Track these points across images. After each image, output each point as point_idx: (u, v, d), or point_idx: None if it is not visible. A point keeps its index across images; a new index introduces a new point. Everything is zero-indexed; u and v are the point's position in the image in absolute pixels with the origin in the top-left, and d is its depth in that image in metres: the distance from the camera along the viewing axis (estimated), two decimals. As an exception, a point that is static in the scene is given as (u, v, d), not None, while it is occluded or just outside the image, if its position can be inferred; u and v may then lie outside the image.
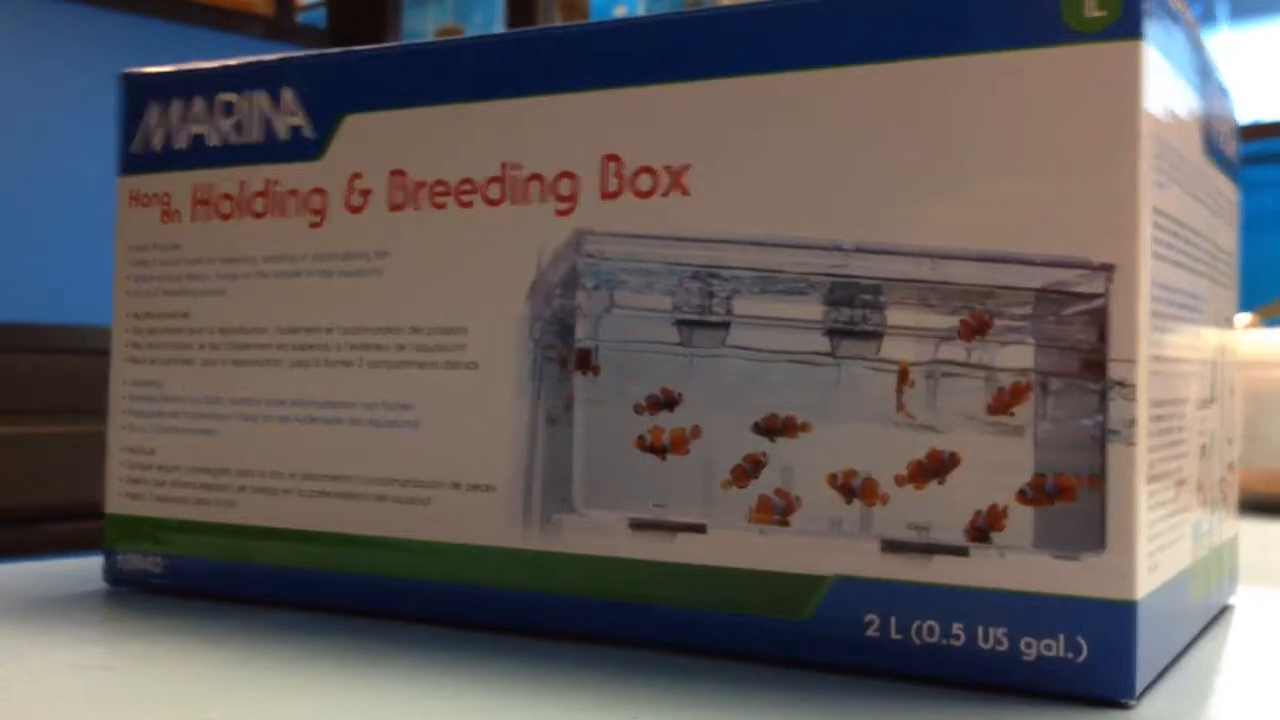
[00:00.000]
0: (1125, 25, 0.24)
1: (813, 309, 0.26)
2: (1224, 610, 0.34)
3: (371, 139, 0.31)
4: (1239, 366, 0.34)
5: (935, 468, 0.25)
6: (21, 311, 1.91)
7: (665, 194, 0.28)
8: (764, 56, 0.27)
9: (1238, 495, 0.35)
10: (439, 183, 0.31)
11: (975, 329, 0.25)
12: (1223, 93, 0.32)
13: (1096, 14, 0.24)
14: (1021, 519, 0.25)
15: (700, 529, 0.27)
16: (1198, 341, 0.28)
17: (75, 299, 1.98)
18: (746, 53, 0.27)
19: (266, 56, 0.33)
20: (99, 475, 1.53)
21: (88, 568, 0.38)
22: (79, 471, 1.55)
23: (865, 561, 0.26)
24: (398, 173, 0.31)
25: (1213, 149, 0.30)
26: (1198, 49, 0.28)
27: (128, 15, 2.06)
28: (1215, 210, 0.30)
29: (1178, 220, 0.26)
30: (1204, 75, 0.29)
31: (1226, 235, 0.32)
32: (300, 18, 2.27)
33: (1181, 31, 0.27)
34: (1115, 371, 0.24)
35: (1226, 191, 0.32)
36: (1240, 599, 0.36)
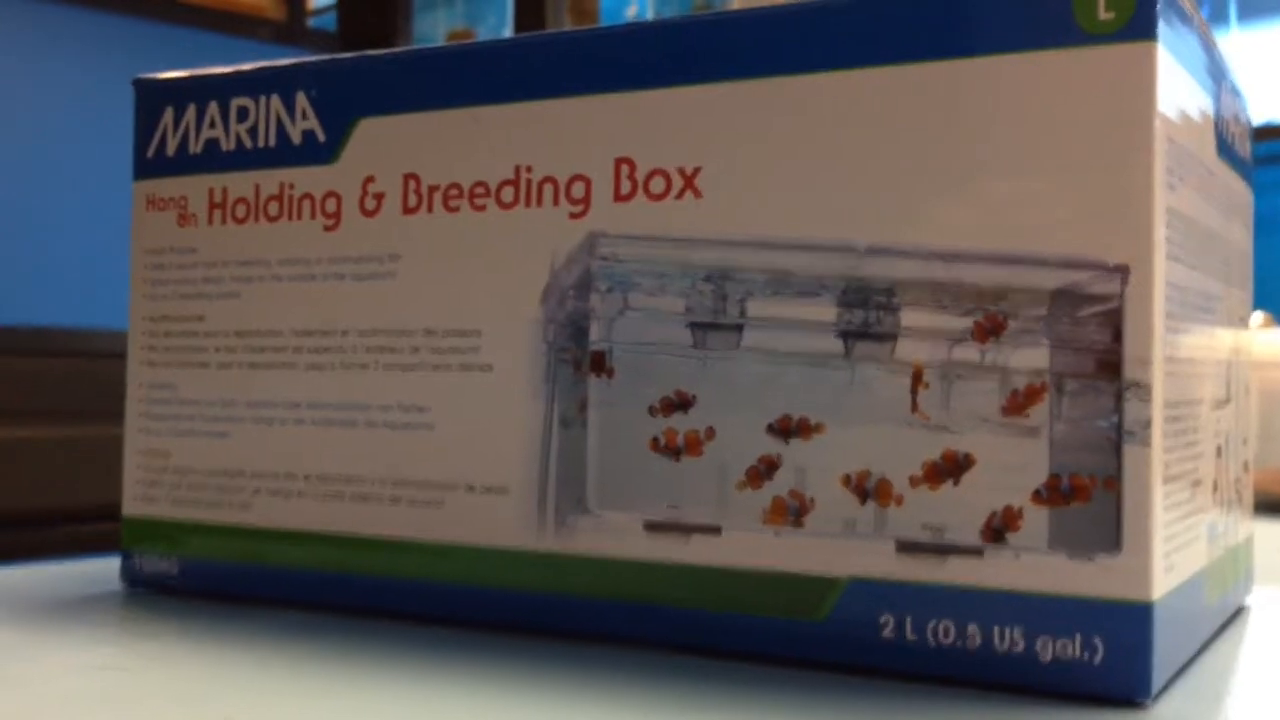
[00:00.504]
0: (1137, 27, 0.24)
1: (826, 311, 0.26)
2: (1239, 611, 0.33)
3: (385, 142, 0.32)
4: (1253, 367, 0.34)
5: (950, 469, 0.25)
6: (24, 314, 1.91)
7: (678, 196, 0.28)
8: (775, 59, 0.27)
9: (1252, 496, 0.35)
10: (452, 186, 0.31)
11: (989, 330, 0.25)
12: (1235, 93, 0.32)
13: (1108, 16, 0.24)
14: (1037, 520, 0.25)
15: (715, 530, 0.27)
16: (1212, 342, 0.28)
17: (79, 302, 1.99)
18: (758, 55, 0.27)
19: (280, 61, 0.34)
20: (103, 478, 1.53)
21: (104, 569, 0.38)
22: (84, 474, 1.55)
23: (880, 562, 0.26)
24: (411, 176, 0.31)
25: (1225, 149, 0.30)
26: (1209, 50, 0.28)
27: (136, 19, 2.07)
28: (1228, 211, 0.30)
29: (1191, 221, 0.26)
30: (1216, 76, 0.29)
31: (1240, 236, 0.32)
32: (310, 22, 2.27)
33: (1193, 32, 0.27)
34: (1130, 372, 0.24)
35: (1240, 192, 0.32)
36: (1255, 600, 0.35)
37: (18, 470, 1.51)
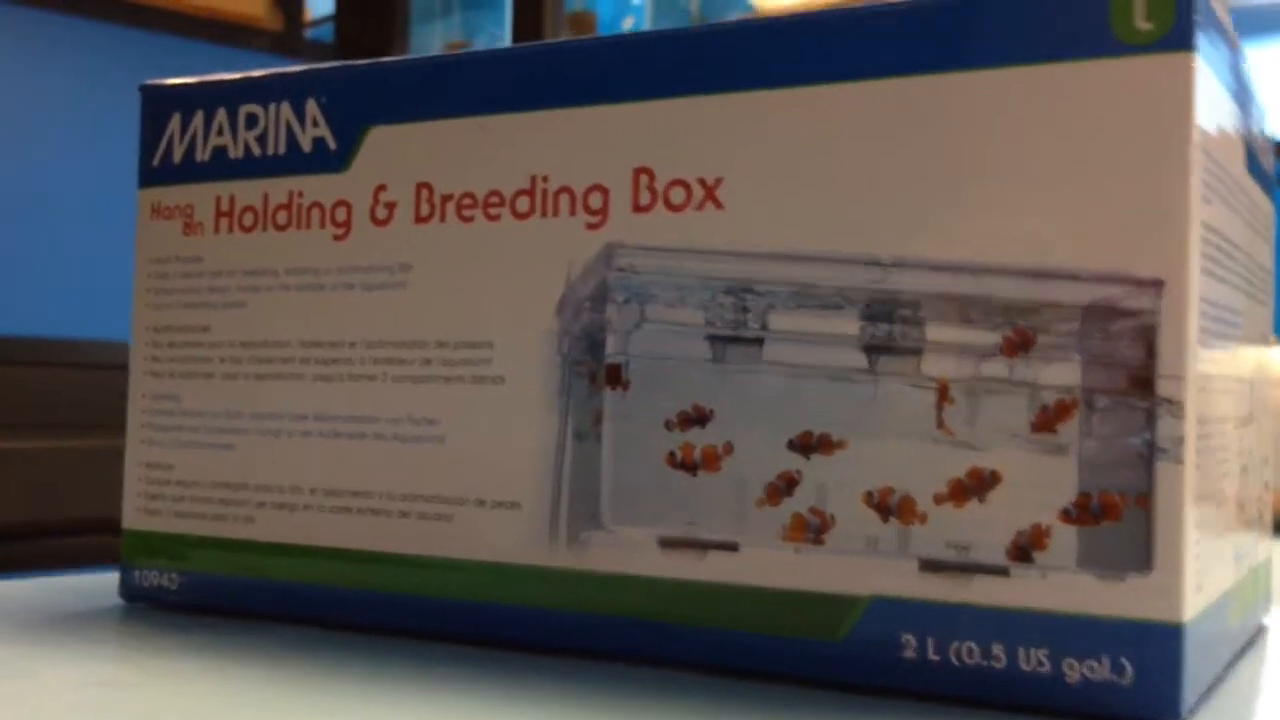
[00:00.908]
0: (1176, 37, 0.24)
1: (850, 324, 0.26)
2: (1259, 631, 0.33)
3: (396, 151, 0.31)
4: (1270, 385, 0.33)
5: (976, 486, 0.25)
6: (23, 325, 1.91)
7: (698, 207, 0.27)
8: (801, 68, 0.27)
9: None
10: (466, 195, 0.30)
11: (1019, 345, 0.25)
12: (1259, 107, 0.31)
13: (1146, 26, 0.24)
14: (1065, 538, 0.24)
15: (732, 547, 0.27)
16: (1239, 359, 0.28)
17: (78, 313, 1.98)
18: (783, 64, 0.27)
19: (290, 68, 0.33)
20: (101, 491, 1.52)
21: (102, 583, 0.38)
22: (82, 487, 1.54)
23: (902, 581, 0.25)
24: (423, 185, 0.31)
25: (1253, 164, 0.30)
26: (1239, 62, 0.28)
27: (131, 29, 2.06)
28: (1254, 226, 0.30)
29: (1222, 235, 0.26)
30: (1244, 89, 0.29)
31: (1265, 252, 0.32)
32: (308, 33, 2.27)
33: (1226, 44, 0.26)
34: (1164, 388, 0.23)
35: (1264, 207, 0.32)
36: (1273, 619, 0.35)
37: (15, 482, 1.50)
